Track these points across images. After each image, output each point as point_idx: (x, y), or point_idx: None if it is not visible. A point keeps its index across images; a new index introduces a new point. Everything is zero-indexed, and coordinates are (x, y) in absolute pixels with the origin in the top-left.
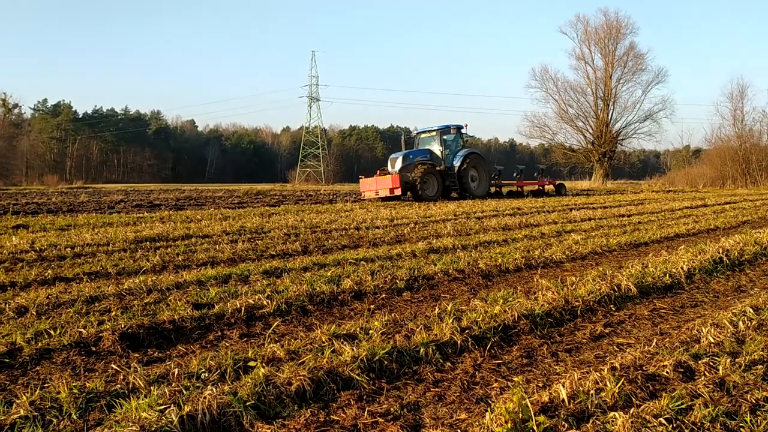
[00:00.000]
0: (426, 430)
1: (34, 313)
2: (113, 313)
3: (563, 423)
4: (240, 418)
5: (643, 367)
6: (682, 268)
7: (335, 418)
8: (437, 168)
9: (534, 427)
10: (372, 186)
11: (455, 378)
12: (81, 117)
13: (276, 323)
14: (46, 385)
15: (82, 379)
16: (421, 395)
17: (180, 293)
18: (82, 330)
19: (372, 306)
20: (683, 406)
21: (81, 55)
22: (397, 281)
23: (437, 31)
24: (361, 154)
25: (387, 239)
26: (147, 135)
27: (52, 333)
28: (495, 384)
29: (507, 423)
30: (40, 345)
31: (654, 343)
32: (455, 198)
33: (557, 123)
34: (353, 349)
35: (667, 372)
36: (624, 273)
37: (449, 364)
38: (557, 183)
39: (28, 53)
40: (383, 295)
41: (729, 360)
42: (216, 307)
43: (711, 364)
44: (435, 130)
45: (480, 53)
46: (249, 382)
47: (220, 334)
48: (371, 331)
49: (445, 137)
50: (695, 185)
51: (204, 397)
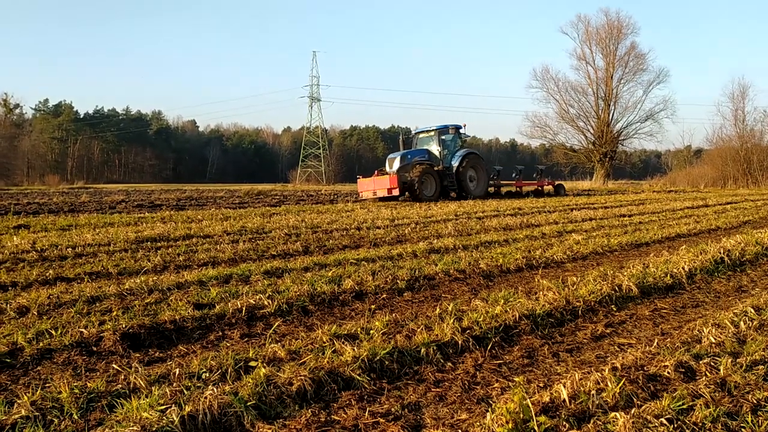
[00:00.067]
0: (427, 430)
1: (35, 313)
2: (114, 313)
3: (564, 423)
4: (241, 418)
5: (644, 368)
6: (683, 268)
7: (336, 418)
8: (435, 168)
9: (535, 428)
10: (370, 186)
11: (456, 378)
12: (82, 117)
13: (277, 323)
14: (47, 385)
15: (83, 379)
16: (422, 395)
17: (181, 293)
18: (83, 330)
19: (373, 306)
20: (684, 406)
21: (81, 55)
22: (398, 281)
23: (437, 31)
24: (362, 154)
25: (388, 239)
26: (148, 135)
27: (53, 333)
28: (496, 384)
29: (508, 423)
30: (41, 345)
31: (655, 344)
32: (454, 198)
33: (558, 123)
34: (354, 350)
35: (668, 372)
36: (625, 273)
37: (450, 364)
38: (556, 183)
39: (28, 53)
40: (384, 296)
41: (730, 360)
42: (217, 307)
43: (712, 364)
44: (433, 130)
45: (480, 53)
46: (250, 382)
47: (221, 334)
48: (372, 331)
49: (444, 137)
50: (696, 185)
51: (205, 397)
